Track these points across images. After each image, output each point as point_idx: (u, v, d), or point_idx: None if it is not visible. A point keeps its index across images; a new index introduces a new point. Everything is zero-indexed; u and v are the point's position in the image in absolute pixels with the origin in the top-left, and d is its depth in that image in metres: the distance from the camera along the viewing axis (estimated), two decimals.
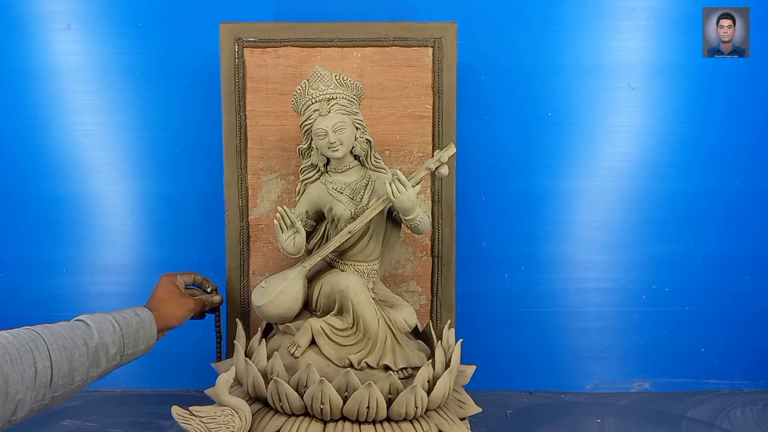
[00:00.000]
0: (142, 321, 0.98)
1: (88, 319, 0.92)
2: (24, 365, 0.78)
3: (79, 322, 0.91)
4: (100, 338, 0.90)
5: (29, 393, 0.79)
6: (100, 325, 0.91)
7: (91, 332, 0.89)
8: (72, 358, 0.85)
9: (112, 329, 0.93)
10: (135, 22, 1.36)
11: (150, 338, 1.00)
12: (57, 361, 0.83)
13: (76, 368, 0.86)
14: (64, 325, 0.88)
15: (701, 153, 1.41)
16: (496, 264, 1.42)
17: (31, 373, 0.79)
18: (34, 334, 0.82)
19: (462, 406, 1.10)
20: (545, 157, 1.40)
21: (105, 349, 0.91)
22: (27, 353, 0.79)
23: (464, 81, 1.31)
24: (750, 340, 1.45)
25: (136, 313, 0.98)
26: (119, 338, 0.93)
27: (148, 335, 0.99)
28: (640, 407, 1.36)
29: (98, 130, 1.39)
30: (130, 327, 0.96)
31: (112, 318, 0.94)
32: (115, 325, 0.93)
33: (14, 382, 0.77)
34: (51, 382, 0.82)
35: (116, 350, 0.93)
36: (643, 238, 1.43)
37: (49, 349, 0.82)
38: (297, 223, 1.03)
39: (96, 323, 0.91)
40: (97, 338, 0.89)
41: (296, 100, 1.06)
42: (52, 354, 0.82)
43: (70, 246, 1.41)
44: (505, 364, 1.43)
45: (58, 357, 0.83)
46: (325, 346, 1.02)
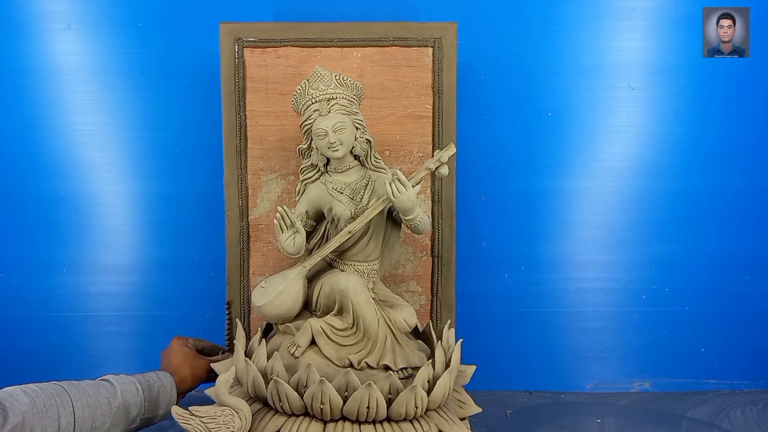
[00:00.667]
0: (164, 386, 1.01)
1: (114, 380, 0.94)
2: (49, 419, 0.81)
3: (105, 381, 0.94)
4: (123, 399, 0.92)
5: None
6: (124, 386, 0.94)
7: (115, 392, 0.92)
8: (95, 416, 0.87)
9: (135, 391, 0.95)
10: (135, 22, 1.36)
11: (170, 403, 1.02)
12: (80, 418, 0.85)
13: (98, 427, 0.88)
14: (90, 383, 0.91)
15: (701, 153, 1.41)
16: (496, 264, 1.42)
17: (55, 428, 0.82)
18: (61, 390, 0.85)
19: (462, 406, 1.10)
20: (545, 157, 1.40)
21: (126, 411, 0.93)
22: (52, 407, 0.82)
23: (464, 81, 1.31)
24: (750, 340, 1.45)
25: (159, 378, 1.01)
26: (141, 401, 0.96)
27: (169, 401, 1.01)
28: (640, 407, 1.36)
29: (98, 130, 1.39)
30: (152, 391, 0.98)
31: (136, 381, 0.97)
32: (138, 388, 0.96)
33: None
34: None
35: (137, 413, 0.95)
36: (643, 238, 1.43)
37: (74, 405, 0.85)
38: (297, 223, 1.03)
39: (120, 384, 0.94)
40: (121, 399, 0.92)
41: (296, 100, 1.06)
42: (77, 411, 0.85)
43: (70, 246, 1.41)
44: (505, 364, 1.43)
45: (81, 414, 0.85)
46: (325, 346, 1.02)
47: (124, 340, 1.42)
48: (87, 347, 1.42)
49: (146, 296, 1.42)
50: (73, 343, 1.42)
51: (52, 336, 1.41)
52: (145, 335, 1.42)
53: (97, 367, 1.42)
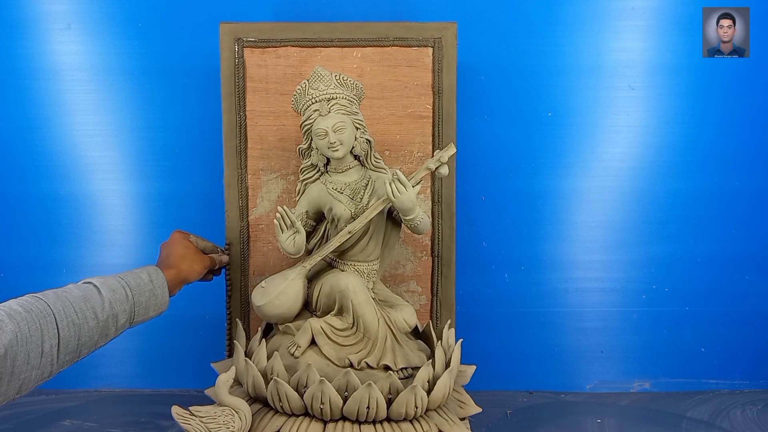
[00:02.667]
0: (155, 288, 0.95)
1: (102, 286, 0.88)
2: (32, 344, 0.76)
3: (93, 289, 0.87)
4: (111, 309, 0.87)
5: (34, 372, 0.77)
6: (113, 294, 0.88)
7: (102, 303, 0.86)
8: (80, 333, 0.83)
9: (125, 297, 0.90)
10: (135, 22, 1.36)
11: (161, 306, 0.97)
12: (65, 338, 0.80)
13: (84, 343, 0.84)
14: (76, 296, 0.84)
15: (701, 153, 1.41)
16: (496, 264, 1.42)
17: (38, 353, 0.77)
18: (45, 308, 0.80)
19: (462, 406, 1.10)
20: (545, 157, 1.40)
21: (115, 320, 0.88)
22: (36, 331, 0.77)
23: (464, 81, 1.31)
24: (750, 340, 1.45)
25: (151, 279, 0.96)
26: (130, 307, 0.91)
27: (160, 302, 0.97)
28: (640, 407, 1.36)
29: (98, 130, 1.39)
30: (143, 294, 0.93)
31: (126, 284, 0.91)
32: (128, 294, 0.90)
33: (21, 363, 0.75)
34: (57, 359, 0.80)
35: (126, 319, 0.90)
36: (643, 238, 1.43)
37: (58, 326, 0.80)
38: (297, 223, 1.03)
39: (109, 291, 0.88)
40: (108, 310, 0.87)
41: (296, 100, 1.06)
42: (61, 332, 0.80)
43: (70, 246, 1.41)
44: (505, 364, 1.43)
45: (66, 334, 0.81)
46: (325, 346, 1.02)
47: (124, 340, 1.40)
48: None
49: None
50: None
51: None
52: (145, 335, 1.42)
53: (97, 367, 1.42)
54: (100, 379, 1.43)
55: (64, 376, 1.40)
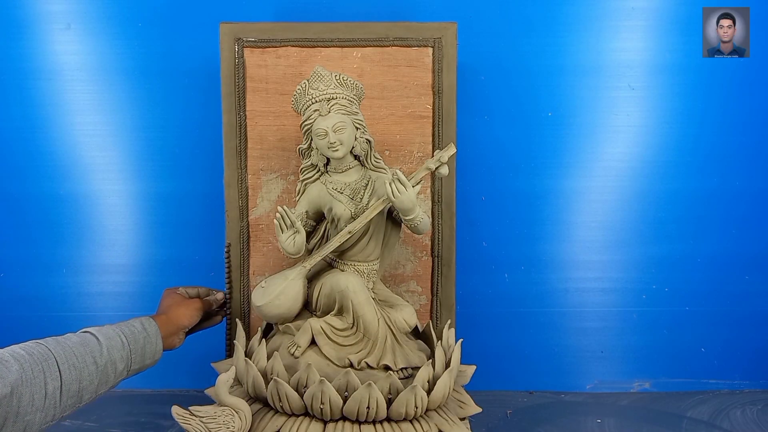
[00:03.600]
0: (148, 336, 0.99)
1: (98, 334, 0.92)
2: (35, 386, 0.78)
3: (90, 336, 0.91)
4: (110, 355, 0.91)
5: (38, 414, 0.79)
6: (110, 341, 0.92)
7: (101, 349, 0.90)
8: (81, 377, 0.85)
9: (121, 345, 0.93)
10: (135, 22, 1.36)
11: (156, 353, 1.01)
12: (67, 381, 0.83)
13: (85, 387, 0.86)
14: (75, 342, 0.88)
15: (701, 153, 1.41)
16: (496, 264, 1.42)
17: (42, 395, 0.79)
18: (47, 352, 0.83)
19: (462, 406, 1.10)
20: (545, 157, 1.40)
21: (113, 367, 0.91)
22: (39, 373, 0.79)
23: (464, 81, 1.31)
24: (750, 340, 1.45)
25: (144, 328, 0.99)
26: (127, 354, 0.94)
27: (154, 350, 1.00)
28: (640, 407, 1.36)
29: (98, 130, 1.39)
30: (138, 342, 0.97)
31: (121, 333, 0.95)
32: (123, 341, 0.94)
33: (26, 404, 0.77)
34: (60, 402, 0.82)
35: (124, 366, 0.94)
36: (643, 238, 1.43)
37: (60, 369, 0.82)
38: (297, 223, 1.03)
39: (106, 339, 0.92)
40: (107, 356, 0.90)
41: (296, 100, 1.06)
42: (63, 375, 0.82)
43: (70, 246, 1.41)
44: (505, 364, 1.43)
45: (68, 377, 0.83)
46: (325, 346, 1.02)
47: None
48: None
49: (146, 296, 1.42)
50: None
51: None
52: None
53: None
54: None
55: None
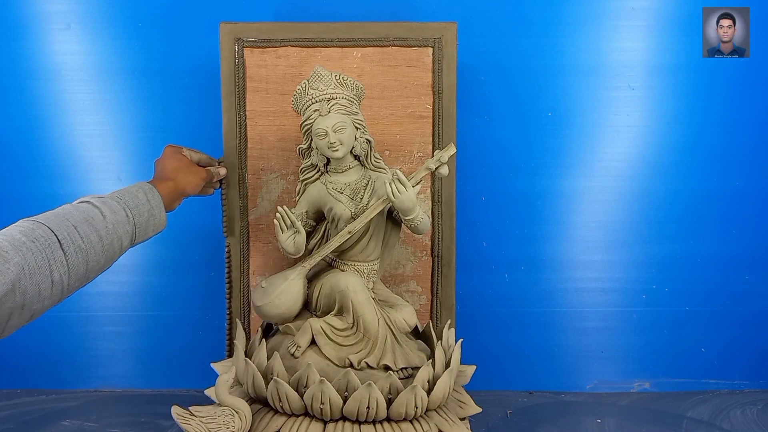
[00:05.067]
0: (152, 208, 0.93)
1: (103, 207, 0.85)
2: (41, 275, 0.73)
3: (94, 210, 0.84)
4: (115, 231, 0.84)
5: (46, 301, 0.75)
6: (115, 215, 0.85)
7: (106, 226, 0.83)
8: (88, 258, 0.80)
9: (126, 219, 0.87)
10: (135, 22, 1.36)
11: (159, 225, 0.95)
12: (74, 265, 0.78)
13: (92, 267, 0.81)
14: (78, 219, 0.81)
15: (701, 153, 1.41)
16: (496, 264, 1.42)
17: (48, 283, 0.74)
18: (50, 236, 0.76)
19: (462, 406, 1.10)
20: (545, 157, 1.40)
21: (119, 243, 0.85)
22: (43, 262, 0.74)
23: (464, 81, 1.31)
24: (750, 340, 1.45)
25: (148, 199, 0.93)
26: (132, 229, 0.88)
27: (158, 222, 0.94)
28: (640, 407, 1.36)
29: (98, 130, 1.39)
30: (142, 215, 0.91)
31: (125, 205, 0.88)
32: (128, 215, 0.88)
33: (32, 295, 0.72)
34: (68, 286, 0.78)
35: (129, 241, 0.88)
36: (643, 238, 1.42)
37: (65, 253, 0.77)
38: (297, 223, 1.03)
39: (111, 213, 0.85)
40: (113, 232, 0.84)
41: (296, 100, 1.06)
42: (69, 260, 0.77)
43: None
44: (505, 364, 1.43)
45: (74, 261, 0.78)
46: (325, 346, 1.02)
47: (124, 340, 1.42)
48: (87, 347, 1.42)
49: (146, 296, 1.42)
50: (73, 343, 1.42)
51: (52, 336, 1.41)
52: (145, 335, 1.42)
53: (97, 367, 1.42)
54: (100, 379, 1.43)
55: (65, 376, 1.42)
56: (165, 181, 0.99)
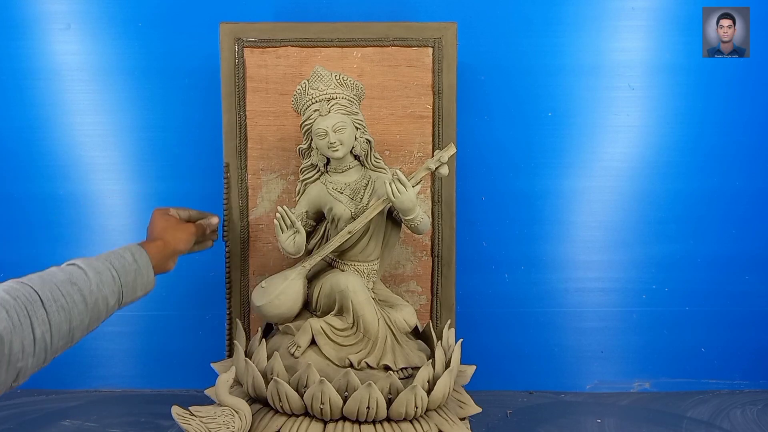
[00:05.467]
0: (139, 268, 0.93)
1: (87, 268, 0.85)
2: (24, 332, 0.74)
3: (78, 271, 0.84)
4: (100, 291, 0.85)
5: (30, 359, 0.75)
6: (100, 276, 0.86)
7: (90, 285, 0.83)
8: (71, 317, 0.80)
9: (111, 280, 0.87)
10: (135, 22, 1.36)
11: (147, 284, 0.95)
12: (56, 324, 0.78)
13: (76, 326, 0.81)
14: (61, 279, 0.82)
15: (701, 153, 1.41)
16: (496, 264, 1.42)
17: (30, 340, 0.75)
18: (32, 294, 0.77)
19: (462, 406, 1.10)
20: (545, 157, 1.40)
21: (105, 302, 0.85)
22: (25, 319, 0.74)
23: (464, 81, 1.31)
24: (750, 340, 1.45)
25: (135, 259, 0.93)
26: (118, 289, 0.88)
27: (146, 281, 0.94)
28: (640, 407, 1.36)
29: (98, 130, 1.39)
30: (129, 275, 0.91)
31: (111, 266, 0.89)
32: (114, 275, 0.88)
33: (16, 351, 0.73)
34: (51, 345, 0.78)
35: (115, 300, 0.88)
36: (643, 238, 1.42)
37: (47, 311, 0.77)
38: (297, 223, 1.03)
39: (95, 273, 0.85)
40: (97, 292, 0.84)
41: (296, 100, 1.06)
42: (51, 317, 0.77)
43: (70, 246, 1.41)
44: (505, 364, 1.43)
45: (57, 320, 0.78)
46: (325, 346, 1.02)
47: (124, 340, 1.42)
48: (87, 347, 1.42)
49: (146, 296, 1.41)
50: None
51: None
52: (145, 335, 1.42)
53: (97, 367, 1.42)
54: (100, 379, 1.43)
55: (64, 376, 1.42)
56: (154, 241, 0.99)
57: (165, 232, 1.01)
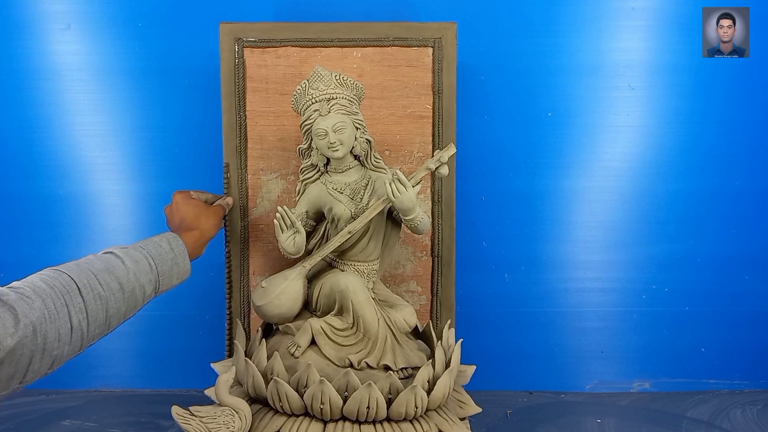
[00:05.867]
0: (176, 256, 0.94)
1: (125, 257, 0.86)
2: (60, 320, 0.75)
3: (115, 260, 0.85)
4: (137, 280, 0.85)
5: (66, 348, 0.76)
6: (137, 265, 0.86)
7: (127, 274, 0.84)
8: (108, 305, 0.81)
9: (149, 268, 0.88)
10: (135, 22, 1.36)
11: (183, 273, 0.95)
12: (93, 312, 0.79)
13: (113, 315, 0.82)
14: (99, 267, 0.82)
15: (701, 153, 1.41)
16: (496, 264, 1.42)
17: (68, 329, 0.75)
18: (69, 283, 0.78)
19: (462, 406, 1.10)
20: (545, 157, 1.40)
21: (142, 291, 0.86)
22: (62, 308, 0.75)
23: (464, 81, 1.31)
24: (750, 340, 1.45)
25: (172, 248, 0.93)
26: (155, 277, 0.89)
27: (182, 270, 0.95)
28: (640, 407, 1.36)
29: (98, 130, 1.39)
30: (166, 264, 0.91)
31: (148, 254, 0.89)
32: (151, 264, 0.88)
33: (52, 339, 0.74)
34: (87, 333, 0.79)
35: (152, 289, 0.89)
36: (643, 238, 1.42)
37: (84, 300, 0.78)
38: (297, 223, 1.03)
39: (133, 262, 0.86)
40: (134, 280, 0.85)
41: (296, 100, 1.06)
42: (88, 306, 0.78)
43: (70, 246, 1.41)
44: (505, 364, 1.43)
45: (93, 308, 0.79)
46: (325, 346, 1.02)
47: (124, 340, 1.42)
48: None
49: None
50: None
51: None
52: (145, 335, 1.42)
53: (97, 367, 1.42)
54: (100, 379, 1.43)
55: (64, 376, 1.41)
56: (190, 230, 1.00)
57: (198, 219, 1.01)
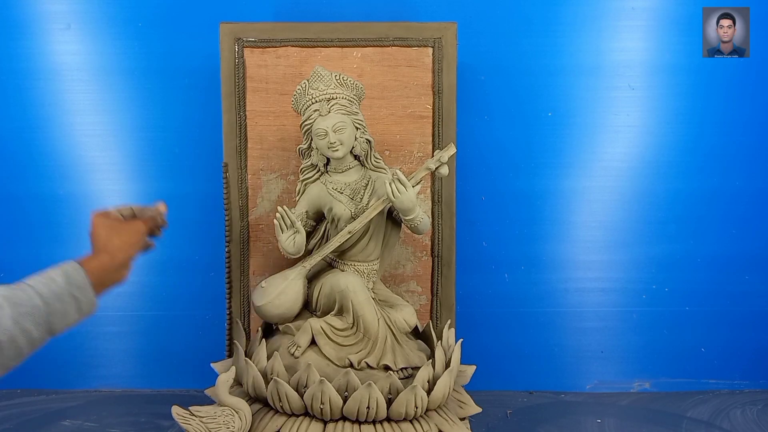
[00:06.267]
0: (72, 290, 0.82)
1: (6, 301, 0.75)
2: None
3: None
4: (17, 326, 0.75)
5: None
6: (19, 309, 0.75)
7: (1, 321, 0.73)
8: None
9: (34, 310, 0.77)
10: (135, 22, 1.36)
11: (87, 306, 0.83)
12: None
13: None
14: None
15: (701, 153, 1.41)
16: (496, 264, 1.42)
17: None
18: None
19: (462, 406, 1.10)
20: (545, 157, 1.40)
21: (24, 335, 0.76)
22: None
23: (464, 81, 1.31)
24: (750, 340, 1.45)
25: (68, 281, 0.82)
26: (44, 318, 0.78)
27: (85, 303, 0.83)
28: (640, 407, 1.36)
29: (98, 130, 1.39)
30: (60, 300, 0.80)
31: (36, 294, 0.78)
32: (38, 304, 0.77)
33: None
34: None
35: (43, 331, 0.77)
36: (643, 238, 1.42)
37: None
38: (297, 223, 1.03)
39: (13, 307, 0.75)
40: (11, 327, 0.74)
41: (296, 100, 1.06)
42: None
43: (70, 246, 1.41)
44: (505, 364, 1.43)
45: None
46: (325, 346, 1.02)
47: (124, 340, 1.42)
48: (87, 347, 1.42)
49: (146, 296, 1.42)
50: (73, 343, 1.42)
51: None
52: (145, 335, 1.42)
53: (97, 367, 1.42)
54: (100, 379, 1.43)
55: (64, 376, 1.41)
56: (96, 256, 0.88)
57: (109, 240, 0.90)
